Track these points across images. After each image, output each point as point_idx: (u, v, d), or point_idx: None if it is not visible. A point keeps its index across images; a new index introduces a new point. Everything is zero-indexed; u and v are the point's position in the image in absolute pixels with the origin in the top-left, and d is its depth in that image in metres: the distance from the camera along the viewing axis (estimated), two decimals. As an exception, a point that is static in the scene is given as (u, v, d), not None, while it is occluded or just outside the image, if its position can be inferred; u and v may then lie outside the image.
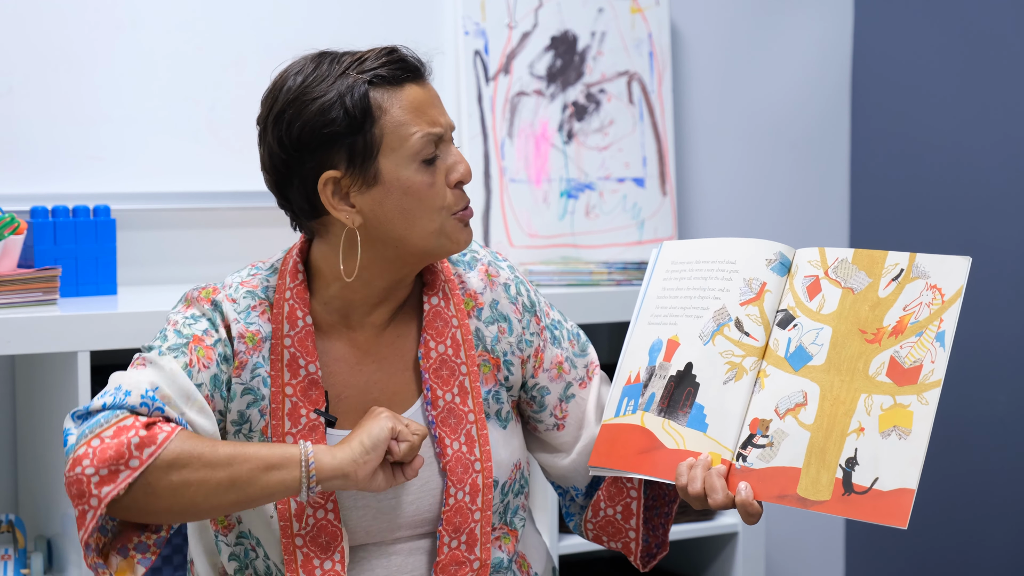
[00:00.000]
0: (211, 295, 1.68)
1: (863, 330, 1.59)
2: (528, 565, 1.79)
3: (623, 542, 1.78)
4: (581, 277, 2.68)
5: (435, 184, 1.63)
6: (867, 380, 1.57)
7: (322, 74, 1.62)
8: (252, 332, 1.66)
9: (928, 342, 1.55)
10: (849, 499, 1.52)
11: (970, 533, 3.05)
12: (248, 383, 1.66)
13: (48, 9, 2.55)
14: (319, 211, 1.64)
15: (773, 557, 3.25)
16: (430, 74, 1.68)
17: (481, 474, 1.68)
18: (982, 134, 3.01)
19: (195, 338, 1.64)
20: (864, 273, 1.62)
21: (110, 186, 2.60)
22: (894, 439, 1.52)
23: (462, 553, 1.67)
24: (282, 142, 1.61)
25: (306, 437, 1.64)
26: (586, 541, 2.61)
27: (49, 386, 2.29)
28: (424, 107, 1.63)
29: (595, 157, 2.96)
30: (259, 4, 2.71)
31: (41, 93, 2.55)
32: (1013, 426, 2.96)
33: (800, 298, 1.65)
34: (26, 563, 2.26)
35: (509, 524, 1.74)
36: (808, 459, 1.56)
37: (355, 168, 1.60)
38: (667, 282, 1.74)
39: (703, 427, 1.63)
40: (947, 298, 1.57)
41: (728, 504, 1.59)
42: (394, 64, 1.63)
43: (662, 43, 3.04)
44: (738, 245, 1.70)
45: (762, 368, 1.63)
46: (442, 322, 1.71)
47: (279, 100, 1.62)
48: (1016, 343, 2.95)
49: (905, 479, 1.50)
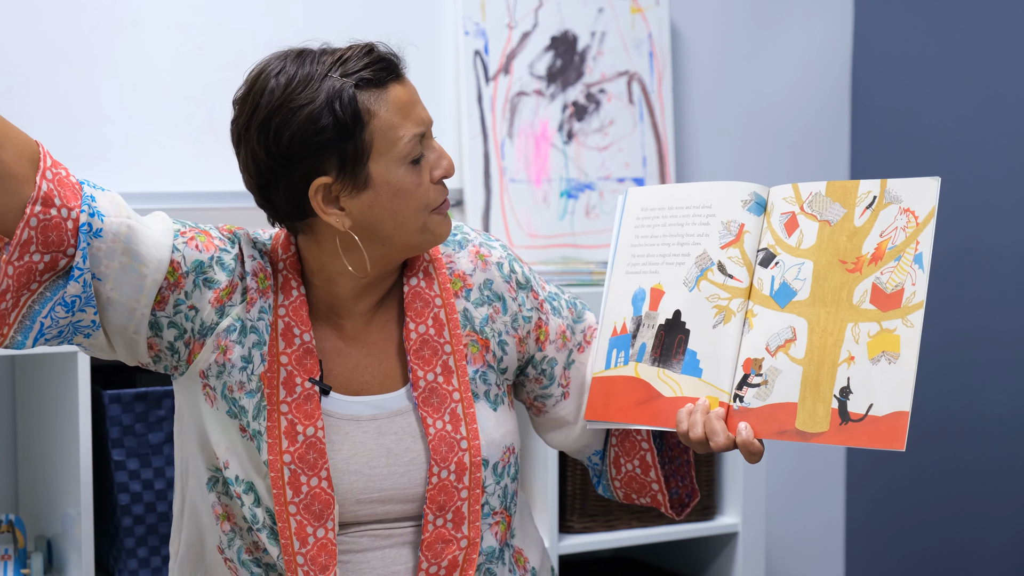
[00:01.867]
0: (232, 227, 1.69)
1: (843, 260, 1.61)
2: (525, 560, 1.79)
3: (651, 495, 1.80)
4: (581, 277, 2.68)
5: (422, 183, 1.64)
6: (852, 309, 1.59)
7: (305, 77, 1.59)
8: (265, 272, 1.67)
9: (907, 265, 1.57)
10: (847, 428, 1.55)
11: (970, 533, 3.05)
12: (256, 322, 1.65)
13: (48, 9, 2.55)
14: (305, 214, 1.63)
15: (773, 557, 3.25)
16: (406, 68, 1.68)
17: (468, 452, 1.68)
18: (982, 134, 3.01)
19: (205, 232, 1.66)
20: (839, 204, 1.64)
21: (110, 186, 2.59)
22: (884, 364, 1.55)
23: (448, 531, 1.68)
24: (269, 150, 1.60)
25: (300, 407, 1.64)
26: (586, 541, 2.62)
27: (49, 386, 2.29)
28: (408, 107, 1.64)
29: (595, 157, 2.96)
30: (259, 4, 2.71)
31: (41, 93, 2.55)
32: (1013, 426, 2.96)
33: (779, 235, 1.66)
34: (26, 563, 2.26)
35: (507, 510, 1.74)
36: (803, 393, 1.58)
37: (346, 173, 1.60)
38: (640, 229, 1.76)
39: (698, 372, 1.65)
40: (920, 220, 1.59)
41: (730, 445, 1.61)
42: (376, 64, 1.62)
43: (662, 43, 3.04)
44: (711, 188, 1.72)
45: (749, 308, 1.65)
46: (422, 302, 1.71)
47: (262, 106, 1.60)
48: (1016, 343, 2.95)
49: (898, 402, 1.52)
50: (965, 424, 3.04)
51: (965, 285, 3.03)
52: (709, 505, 2.75)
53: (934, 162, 3.11)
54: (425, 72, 2.87)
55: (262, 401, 1.65)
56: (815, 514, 3.31)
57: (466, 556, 1.68)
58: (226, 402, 1.65)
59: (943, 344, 3.00)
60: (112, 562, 2.35)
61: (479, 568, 1.70)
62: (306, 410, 1.65)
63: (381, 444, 1.68)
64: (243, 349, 1.65)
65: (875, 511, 3.27)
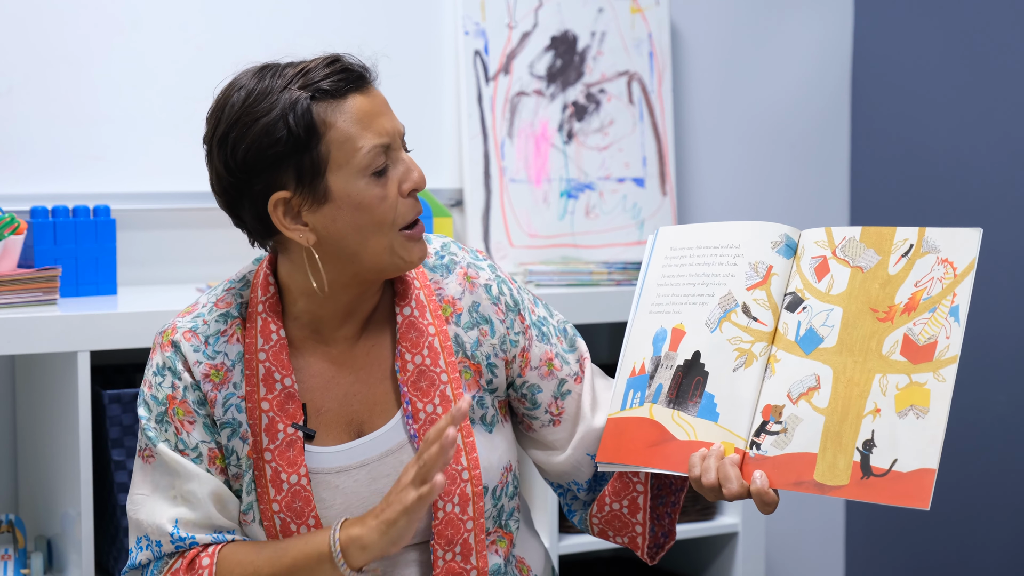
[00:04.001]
0: (171, 336, 1.67)
1: (874, 309, 1.56)
2: (528, 568, 1.78)
3: (629, 536, 1.75)
4: (581, 277, 2.68)
5: (387, 197, 1.59)
6: (881, 360, 1.53)
7: (264, 90, 1.57)
8: (217, 366, 1.65)
9: (942, 317, 1.51)
10: (868, 482, 1.49)
11: (970, 533, 3.05)
12: (223, 417, 1.65)
13: (48, 9, 2.55)
14: (273, 230, 1.61)
15: (773, 557, 3.25)
16: (376, 79, 1.63)
17: (470, 483, 1.66)
18: (982, 134, 3.01)
19: (169, 399, 1.65)
20: (873, 251, 1.58)
21: (110, 186, 2.60)
22: (912, 419, 1.49)
23: (459, 564, 1.66)
24: (228, 165, 1.58)
25: (283, 453, 1.63)
26: (586, 541, 2.62)
27: (49, 386, 2.29)
28: (370, 117, 1.59)
29: (595, 157, 2.96)
30: (259, 4, 2.71)
31: (41, 93, 2.55)
32: (1013, 426, 2.96)
33: (808, 280, 1.61)
34: (26, 563, 2.26)
35: (504, 527, 1.72)
36: (824, 444, 1.52)
37: (304, 187, 1.57)
38: (667, 269, 1.70)
39: (714, 417, 1.59)
40: (959, 271, 1.52)
41: (744, 494, 1.55)
42: (336, 75, 1.58)
43: (662, 43, 3.04)
44: (741, 228, 1.66)
45: (772, 353, 1.60)
46: (416, 332, 1.67)
47: (223, 120, 1.58)
48: (1016, 343, 2.95)
49: (925, 459, 1.47)
50: (965, 424, 3.04)
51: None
52: (709, 505, 2.75)
53: (934, 162, 3.11)
54: (425, 72, 2.87)
55: (252, 479, 1.65)
56: (815, 514, 3.31)
57: None
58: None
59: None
60: (112, 562, 2.35)
61: None
62: (289, 457, 1.63)
63: (374, 490, 1.66)
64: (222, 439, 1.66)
65: (875, 511, 3.27)
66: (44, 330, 2.12)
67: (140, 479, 1.68)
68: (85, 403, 2.14)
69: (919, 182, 3.15)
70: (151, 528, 1.64)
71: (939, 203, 3.09)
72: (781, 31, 3.22)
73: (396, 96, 3.02)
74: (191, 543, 1.62)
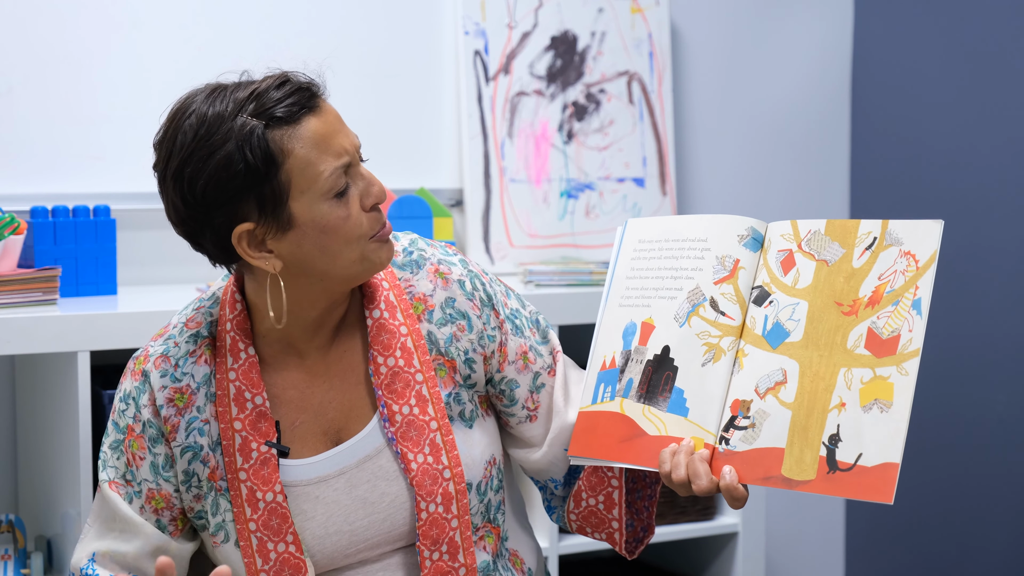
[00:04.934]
0: (142, 365, 1.67)
1: (839, 302, 1.56)
2: (521, 561, 1.77)
3: (607, 532, 1.75)
4: (581, 277, 2.68)
5: (351, 216, 1.57)
6: (846, 354, 1.54)
7: (215, 119, 1.53)
8: (182, 388, 1.65)
9: (905, 311, 1.52)
10: (834, 477, 1.50)
11: (970, 533, 3.05)
12: (184, 442, 1.65)
13: (48, 9, 2.55)
14: (236, 257, 1.59)
15: (773, 557, 3.25)
16: (324, 92, 1.60)
17: (452, 481, 1.65)
18: (982, 135, 3.01)
19: (128, 429, 1.67)
20: (838, 244, 1.59)
21: (110, 186, 2.60)
22: (876, 413, 1.50)
23: (446, 563, 1.65)
24: (186, 200, 1.54)
25: (258, 472, 1.63)
26: (586, 541, 2.62)
27: (49, 386, 2.29)
28: (326, 139, 1.55)
29: (595, 157, 2.96)
30: (259, 4, 2.71)
31: (41, 93, 2.55)
32: (1013, 426, 2.96)
33: (775, 273, 1.61)
34: (26, 563, 2.26)
35: (492, 522, 1.72)
36: (791, 438, 1.54)
37: (267, 216, 1.54)
38: (636, 261, 1.70)
39: (684, 412, 1.60)
40: (921, 264, 1.53)
41: (713, 489, 1.56)
42: (287, 98, 1.54)
43: (662, 43, 3.04)
44: (708, 221, 1.66)
45: (740, 348, 1.60)
46: (387, 334, 1.66)
47: (174, 153, 1.54)
48: (1016, 343, 2.95)
49: (889, 453, 1.48)
50: (965, 425, 3.04)
51: (965, 287, 3.03)
52: (709, 505, 2.75)
53: (934, 163, 3.11)
54: (425, 72, 2.87)
55: (216, 496, 1.65)
56: (815, 514, 3.31)
57: None
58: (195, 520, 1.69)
59: (943, 345, 3.00)
60: (112, 562, 2.35)
61: None
62: (263, 475, 1.63)
63: (355, 496, 1.66)
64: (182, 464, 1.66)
65: (875, 511, 3.27)
66: (44, 330, 2.12)
67: (92, 508, 1.72)
68: (85, 403, 2.14)
69: (919, 182, 3.15)
70: (73, 563, 1.70)
71: (939, 203, 3.09)
72: (781, 31, 3.22)
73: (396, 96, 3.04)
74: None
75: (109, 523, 1.68)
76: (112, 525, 1.68)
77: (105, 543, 1.67)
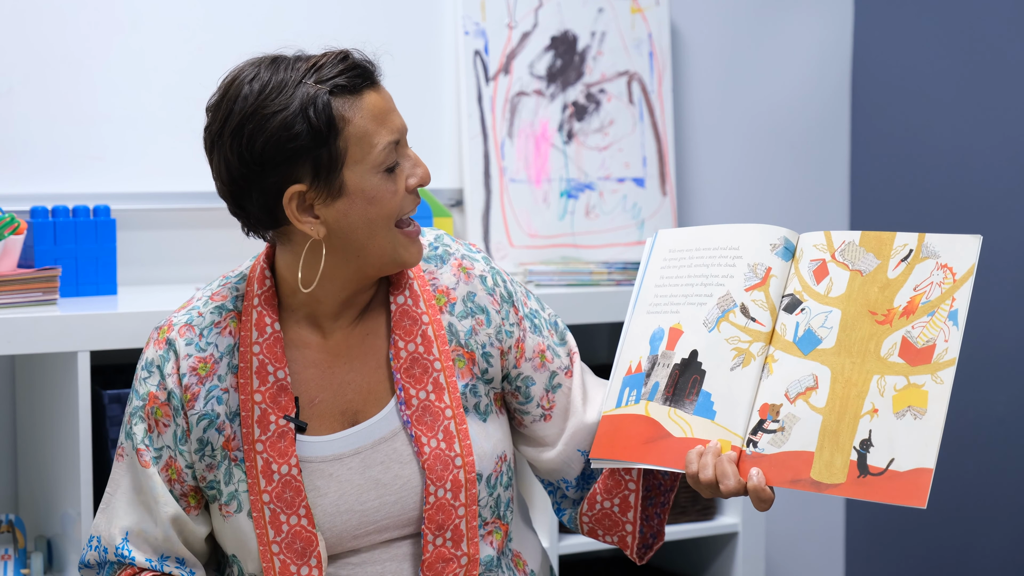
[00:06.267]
0: (166, 333, 1.70)
1: (873, 312, 1.57)
2: (524, 563, 1.78)
3: (619, 535, 1.76)
4: (581, 277, 2.68)
5: (397, 191, 1.63)
6: (879, 361, 1.55)
7: (279, 83, 1.58)
8: (205, 358, 1.67)
9: (940, 321, 1.53)
10: (865, 481, 1.50)
11: (970, 533, 3.05)
12: (202, 410, 1.67)
13: (48, 9, 2.55)
14: (279, 222, 1.62)
15: (773, 557, 3.25)
16: (381, 75, 1.66)
17: (463, 469, 1.67)
18: (982, 135, 3.01)
19: (151, 397, 1.68)
20: (872, 255, 1.60)
21: (110, 186, 2.60)
22: (909, 419, 1.50)
23: (448, 550, 1.67)
24: (243, 157, 1.58)
25: (274, 444, 1.65)
26: (586, 541, 2.62)
27: (49, 386, 2.29)
28: (384, 114, 1.62)
29: (595, 157, 2.96)
30: (259, 4, 2.71)
31: (41, 93, 2.55)
32: (1013, 426, 2.96)
33: (807, 282, 1.62)
34: (26, 563, 2.26)
35: (502, 518, 1.73)
36: (821, 442, 1.54)
37: (320, 181, 1.59)
38: (665, 270, 1.72)
39: (711, 414, 1.60)
40: (959, 277, 1.54)
41: (740, 491, 1.56)
42: (351, 71, 1.61)
43: (662, 43, 3.04)
44: (740, 231, 1.68)
45: (770, 353, 1.61)
46: (410, 320, 1.70)
47: (235, 112, 1.59)
48: (1016, 343, 2.95)
49: (922, 459, 1.48)
50: (965, 425, 3.04)
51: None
52: (709, 505, 2.75)
53: (934, 163, 3.11)
54: (425, 72, 2.87)
55: (230, 465, 1.67)
56: (815, 514, 3.31)
57: (467, 573, 1.68)
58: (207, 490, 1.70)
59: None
60: (112, 562, 2.35)
61: None
62: (280, 448, 1.65)
63: (368, 477, 1.67)
64: (198, 432, 1.68)
65: (875, 511, 3.27)
66: (44, 330, 2.12)
67: (112, 476, 1.72)
68: (85, 403, 2.14)
69: (919, 183, 3.15)
70: (104, 532, 1.69)
71: (939, 204, 3.09)
72: (781, 31, 3.22)
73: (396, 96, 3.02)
74: (129, 562, 1.67)
75: (134, 495, 1.69)
76: (138, 499, 1.68)
77: (133, 519, 1.68)
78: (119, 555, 1.67)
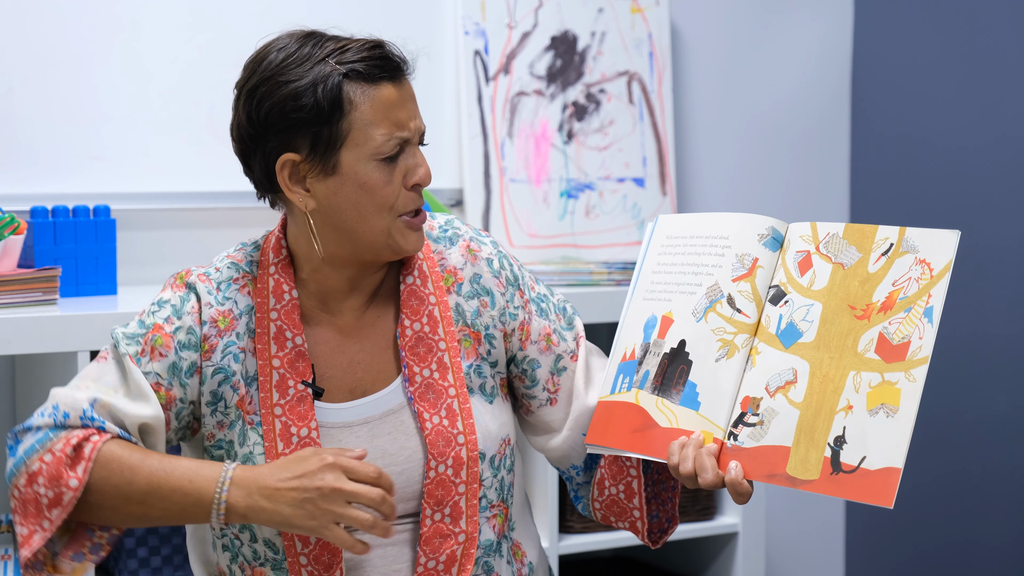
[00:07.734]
0: (186, 278, 1.71)
1: (852, 306, 1.58)
2: (523, 553, 1.80)
3: (629, 521, 1.77)
4: (581, 277, 2.68)
5: (391, 183, 1.65)
6: (856, 357, 1.55)
7: (302, 56, 1.65)
8: (225, 312, 1.69)
9: (916, 318, 1.54)
10: (837, 478, 1.51)
11: (970, 533, 3.05)
12: (219, 363, 1.68)
13: (48, 9, 2.55)
14: (276, 187, 1.67)
15: (773, 557, 3.25)
16: (412, 73, 1.70)
17: (465, 447, 1.69)
18: (982, 134, 3.01)
19: (155, 327, 1.68)
20: (855, 248, 1.61)
21: (110, 186, 2.60)
22: (882, 417, 1.51)
23: (446, 526, 1.68)
24: (250, 117, 1.65)
25: (293, 408, 1.67)
26: (586, 541, 2.62)
27: (49, 386, 2.28)
28: (394, 109, 1.65)
29: (595, 157, 2.96)
30: (259, 4, 2.71)
31: (41, 93, 2.55)
32: (1013, 426, 2.96)
33: (791, 274, 1.63)
34: (26, 563, 2.26)
35: (505, 502, 1.75)
36: (797, 438, 1.55)
37: (316, 156, 1.63)
38: (662, 256, 1.74)
39: (696, 405, 1.62)
40: (936, 272, 1.55)
41: (718, 483, 1.58)
42: (375, 60, 1.65)
43: (662, 43, 3.04)
44: (731, 220, 1.69)
45: (754, 345, 1.62)
46: (417, 300, 1.72)
47: (256, 73, 1.66)
48: (1016, 343, 2.95)
49: (891, 458, 1.49)
50: (965, 424, 3.04)
51: (965, 286, 3.03)
52: (709, 505, 2.75)
53: (933, 162, 3.11)
54: (425, 72, 2.85)
55: (245, 427, 1.68)
56: (815, 514, 3.31)
57: (464, 550, 1.69)
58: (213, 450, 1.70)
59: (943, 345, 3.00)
60: (112, 562, 2.35)
61: (477, 561, 1.71)
62: (299, 412, 1.67)
63: (376, 446, 1.69)
64: (212, 384, 1.68)
65: (875, 511, 3.27)
66: (44, 330, 2.12)
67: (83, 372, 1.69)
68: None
69: (919, 182, 3.15)
70: (66, 400, 1.64)
71: (938, 203, 3.09)
72: (781, 31, 3.22)
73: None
74: (99, 426, 1.62)
75: (113, 385, 1.66)
76: (117, 387, 1.66)
77: (104, 395, 1.65)
78: (86, 419, 1.62)
